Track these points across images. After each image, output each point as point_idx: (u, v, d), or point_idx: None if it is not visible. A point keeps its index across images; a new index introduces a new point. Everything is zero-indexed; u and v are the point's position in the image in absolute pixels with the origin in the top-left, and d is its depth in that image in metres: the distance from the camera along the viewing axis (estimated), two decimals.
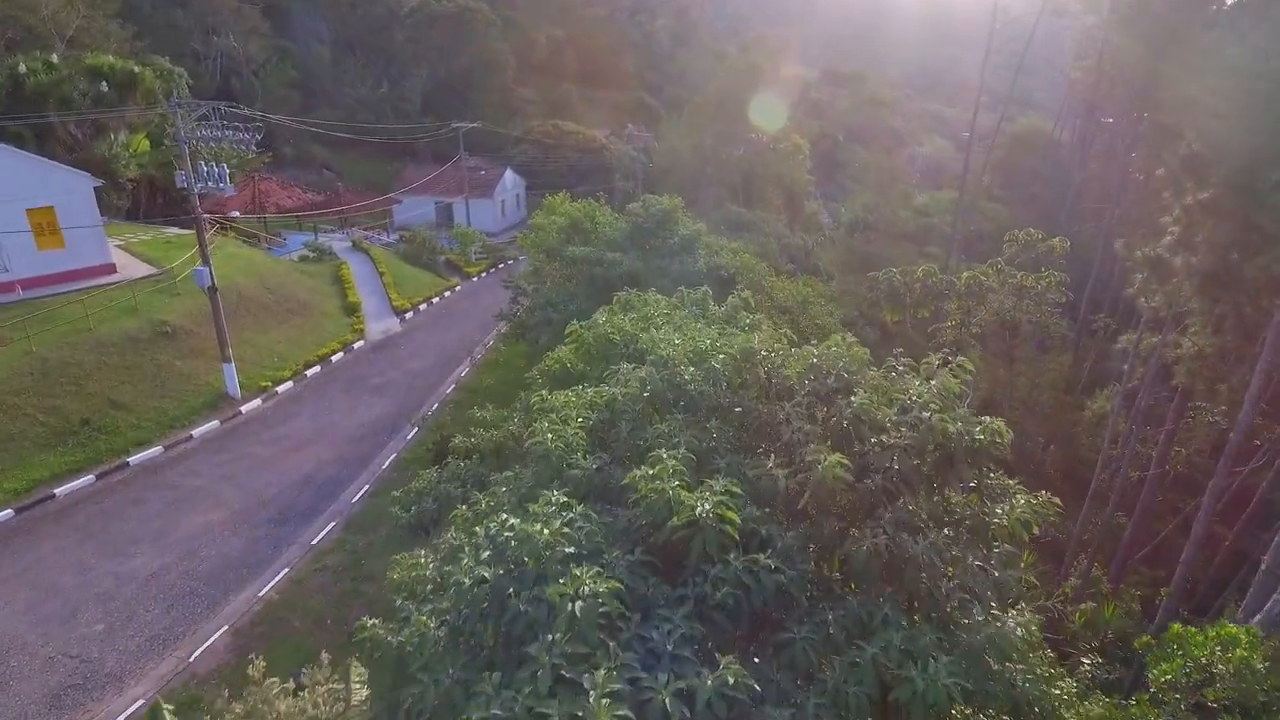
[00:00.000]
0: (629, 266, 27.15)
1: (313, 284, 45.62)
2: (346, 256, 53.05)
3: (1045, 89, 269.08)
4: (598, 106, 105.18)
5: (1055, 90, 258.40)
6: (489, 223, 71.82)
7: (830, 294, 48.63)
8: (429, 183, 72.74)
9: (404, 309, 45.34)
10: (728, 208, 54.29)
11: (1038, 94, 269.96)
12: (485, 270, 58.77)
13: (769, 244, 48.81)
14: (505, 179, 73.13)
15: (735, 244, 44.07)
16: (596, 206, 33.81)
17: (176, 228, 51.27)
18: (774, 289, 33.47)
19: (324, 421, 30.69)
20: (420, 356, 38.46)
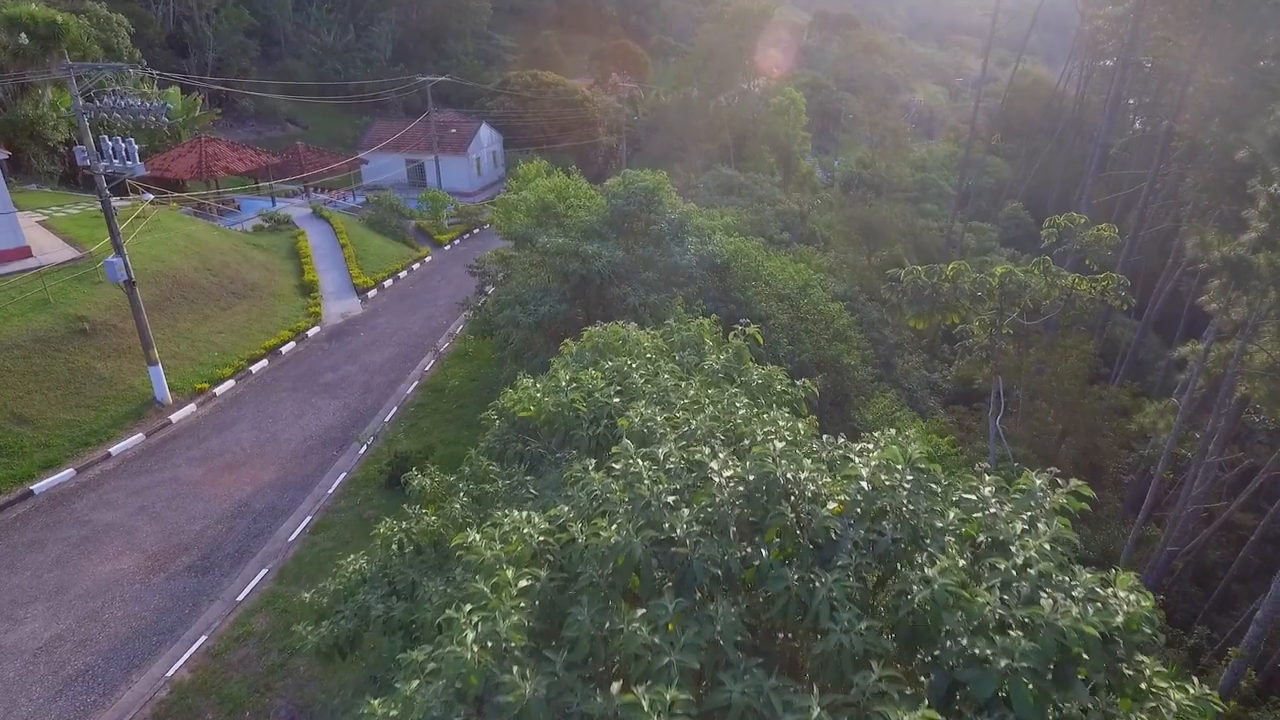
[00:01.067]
0: (609, 259, 23.26)
1: (265, 259, 41.35)
2: (306, 225, 48.60)
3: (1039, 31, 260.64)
4: (579, 54, 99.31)
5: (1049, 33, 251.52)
6: (463, 182, 67.13)
7: (829, 265, 44.86)
8: (399, 139, 67.71)
9: (366, 286, 41.23)
10: (718, 169, 50.08)
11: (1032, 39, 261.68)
12: (459, 236, 54.46)
13: (763, 211, 44.79)
14: (480, 135, 68.17)
15: (727, 217, 40.15)
16: (572, 181, 29.69)
17: (117, 196, 46.66)
18: (772, 275, 29.70)
19: (266, 431, 26.93)
20: (381, 346, 34.55)
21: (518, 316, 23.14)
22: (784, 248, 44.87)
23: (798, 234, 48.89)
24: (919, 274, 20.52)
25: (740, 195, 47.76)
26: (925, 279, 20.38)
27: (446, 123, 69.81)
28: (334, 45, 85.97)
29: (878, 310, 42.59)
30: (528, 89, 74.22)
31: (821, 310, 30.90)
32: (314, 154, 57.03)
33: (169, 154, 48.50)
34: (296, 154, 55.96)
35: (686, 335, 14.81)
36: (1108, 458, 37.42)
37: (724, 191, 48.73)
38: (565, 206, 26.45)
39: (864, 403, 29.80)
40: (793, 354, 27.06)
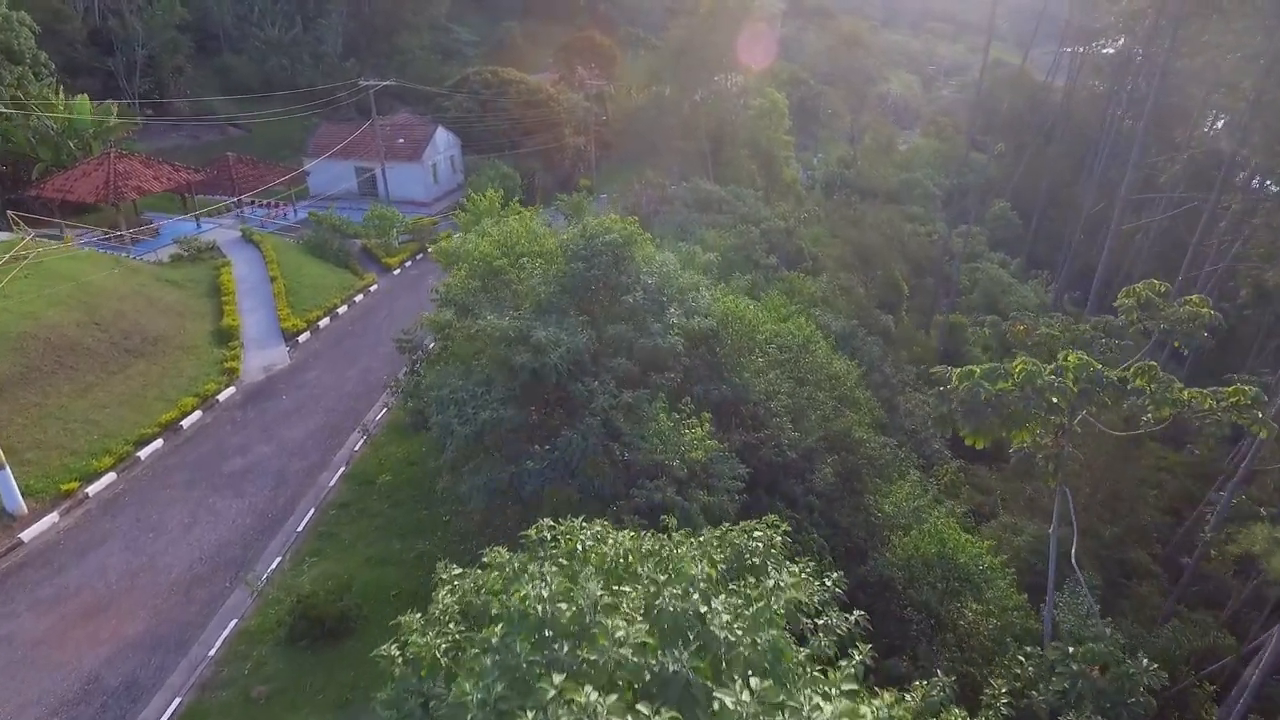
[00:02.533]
0: (569, 346, 17.67)
1: (178, 300, 35.18)
2: (233, 253, 42.29)
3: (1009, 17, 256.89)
4: (544, 46, 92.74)
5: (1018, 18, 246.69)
6: (418, 191, 60.85)
7: (821, 293, 39.56)
8: (348, 145, 61.19)
9: (296, 330, 35.19)
10: (696, 183, 44.40)
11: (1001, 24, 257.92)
12: (410, 258, 48.35)
13: (747, 233, 39.31)
14: (436, 139, 61.80)
15: (709, 244, 34.73)
16: (524, 223, 24.00)
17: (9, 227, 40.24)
18: (770, 334, 24.30)
19: (143, 553, 21.08)
20: (305, 413, 28.67)
21: (452, 424, 17.50)
22: (772, 274, 39.51)
23: (784, 253, 43.51)
24: (976, 378, 15.19)
25: (722, 212, 42.27)
26: (985, 385, 15.06)
27: (399, 126, 63.35)
28: (279, 40, 78.73)
29: (878, 345, 37.41)
30: (487, 88, 67.81)
31: (826, 371, 25.61)
32: (247, 166, 50.53)
33: (71, 173, 41.86)
34: (226, 167, 49.42)
35: (676, 559, 9.24)
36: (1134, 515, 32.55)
37: (703, 207, 43.19)
38: (515, 269, 20.76)
39: (880, 487, 24.60)
40: (798, 441, 21.77)
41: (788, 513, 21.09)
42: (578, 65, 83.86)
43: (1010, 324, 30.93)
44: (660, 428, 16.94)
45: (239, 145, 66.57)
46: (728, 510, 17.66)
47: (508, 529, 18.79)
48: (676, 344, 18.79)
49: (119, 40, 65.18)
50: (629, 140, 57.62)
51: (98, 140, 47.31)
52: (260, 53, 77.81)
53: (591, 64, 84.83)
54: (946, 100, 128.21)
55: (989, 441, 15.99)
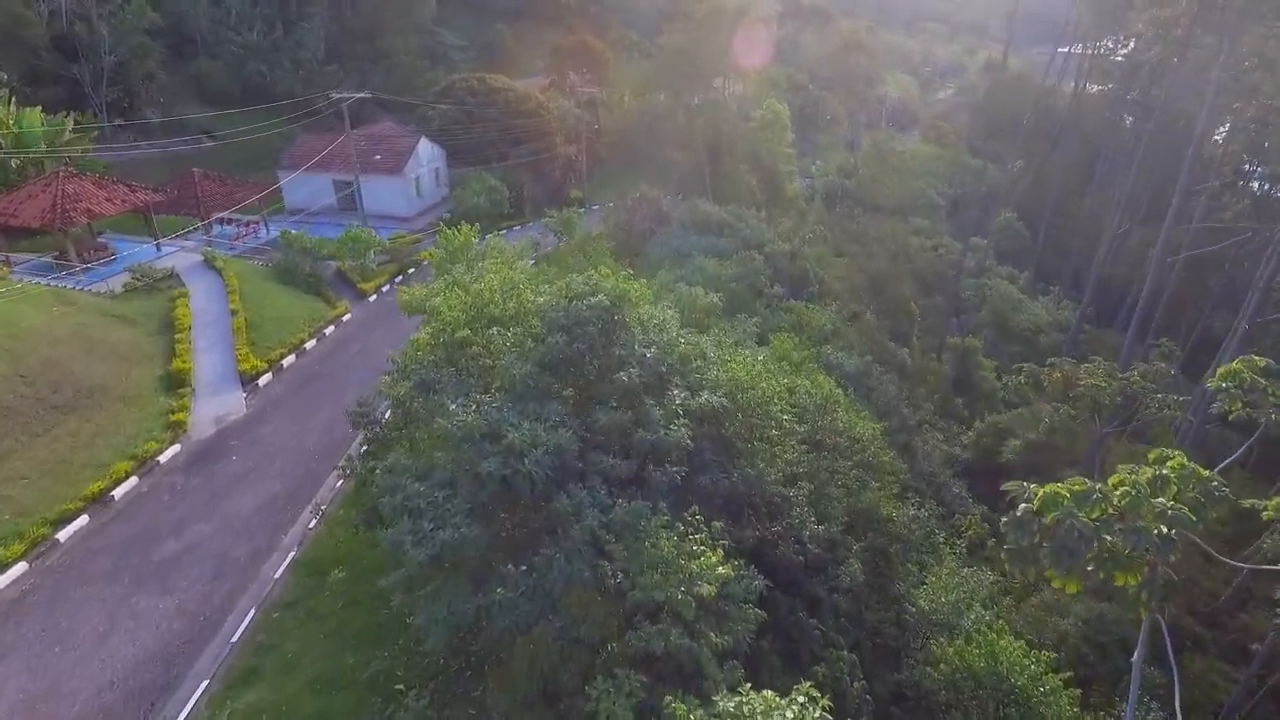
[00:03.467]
0: (549, 446, 14.14)
1: (125, 340, 31.50)
2: (192, 280, 38.58)
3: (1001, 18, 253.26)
4: (535, 49, 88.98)
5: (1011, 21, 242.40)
6: (400, 206, 57.14)
7: (832, 325, 36.07)
8: (327, 157, 57.43)
9: (256, 371, 31.53)
10: (695, 203, 40.80)
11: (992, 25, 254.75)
12: (389, 281, 44.72)
13: (750, 261, 35.83)
14: (419, 150, 58.06)
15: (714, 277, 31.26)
16: (503, 284, 20.38)
17: None
18: (784, 398, 20.78)
19: (43, 678, 17.45)
20: (256, 479, 25.05)
21: (404, 544, 13.93)
22: (778, 305, 36.01)
23: (789, 279, 40.02)
24: (1066, 505, 11.72)
25: (722, 235, 38.75)
26: (1078, 517, 11.60)
27: (380, 138, 59.63)
28: (257, 44, 74.73)
29: (893, 384, 33.97)
30: (473, 95, 64.05)
31: (849, 435, 22.14)
32: (214, 182, 46.73)
33: (15, 195, 38.04)
34: (190, 184, 45.59)
35: None
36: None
37: (702, 229, 39.66)
38: (484, 340, 17.17)
39: (912, 574, 21.15)
40: (820, 534, 18.34)
41: (811, 623, 17.66)
42: (569, 69, 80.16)
43: (1047, 370, 27.49)
44: (662, 554, 13.42)
45: (213, 156, 62.86)
46: (744, 639, 14.25)
47: (476, 662, 15.31)
48: (682, 437, 15.26)
49: (84, 46, 61.16)
50: (623, 149, 54.01)
51: (51, 157, 43.43)
52: (237, 58, 73.83)
53: (583, 68, 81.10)
54: (945, 103, 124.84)
55: (1081, 585, 12.56)
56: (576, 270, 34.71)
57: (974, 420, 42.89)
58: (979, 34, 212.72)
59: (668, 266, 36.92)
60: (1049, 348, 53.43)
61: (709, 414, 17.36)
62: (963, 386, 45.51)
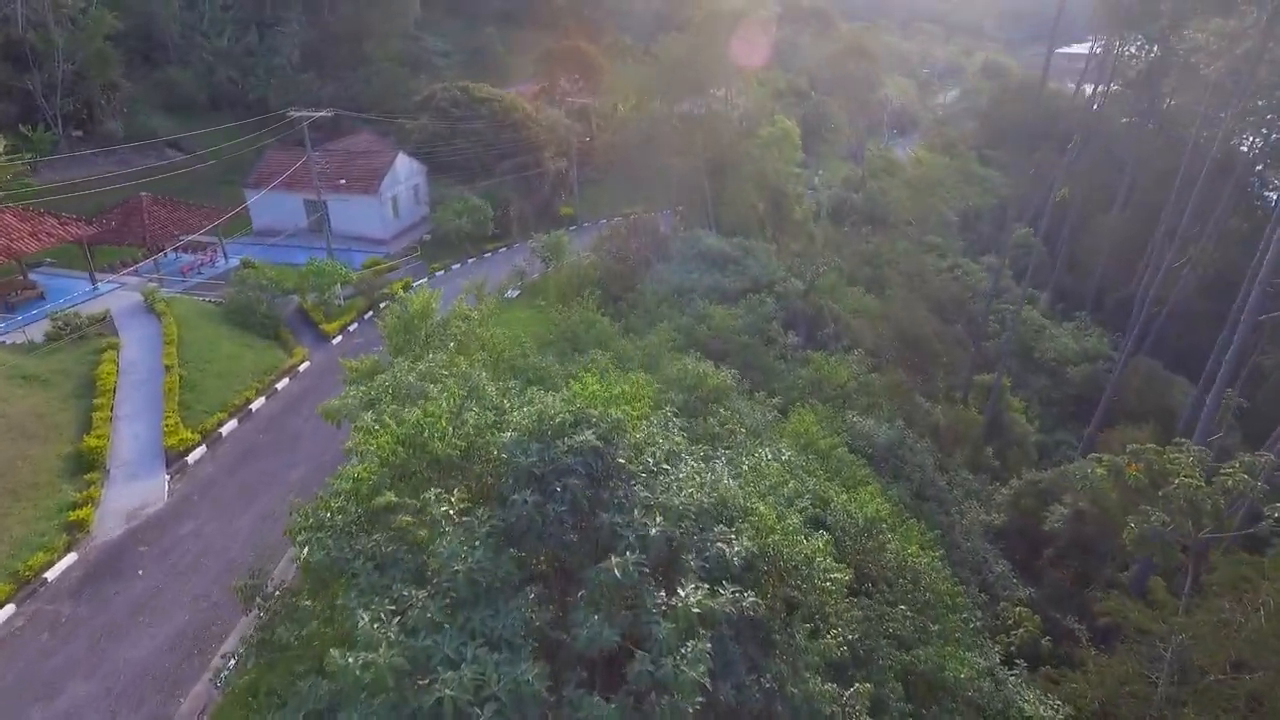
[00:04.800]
0: (506, 696, 9.06)
1: (31, 409, 26.24)
2: (128, 326, 33.30)
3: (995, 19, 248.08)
4: (525, 54, 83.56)
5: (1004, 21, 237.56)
6: (375, 228, 51.84)
7: (857, 380, 30.93)
8: (296, 176, 52.08)
9: (185, 446, 26.29)
10: (697, 235, 35.62)
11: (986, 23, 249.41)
12: (356, 319, 39.50)
13: (762, 306, 30.71)
14: (396, 167, 52.71)
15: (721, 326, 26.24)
16: (449, 399, 15.09)
17: None
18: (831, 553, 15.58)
19: None
20: (162, 609, 19.81)
21: None
22: (793, 356, 30.88)
23: (803, 320, 34.92)
24: None
25: (727, 270, 33.63)
26: None
27: (355, 153, 54.28)
28: (230, 49, 69.24)
29: (932, 451, 28.94)
30: (456, 106, 58.70)
31: (900, 566, 17.08)
32: (164, 208, 41.33)
33: None
34: (137, 210, 40.18)
35: None
36: None
37: (705, 263, 34.54)
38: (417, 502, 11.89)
39: None
40: None
41: None
42: (560, 76, 74.83)
43: (1126, 458, 22.46)
44: None
45: (181, 172, 57.21)
46: None
47: None
48: (703, 676, 10.13)
49: (37, 55, 55.57)
50: (617, 161, 48.79)
51: None
52: (207, 65, 68.34)
53: (575, 75, 75.82)
54: (948, 108, 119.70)
55: None
56: (562, 323, 29.49)
57: (1005, 471, 37.99)
58: (975, 34, 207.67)
59: (667, 309, 31.80)
60: (1079, 380, 48.53)
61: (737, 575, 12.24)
62: (992, 430, 40.53)
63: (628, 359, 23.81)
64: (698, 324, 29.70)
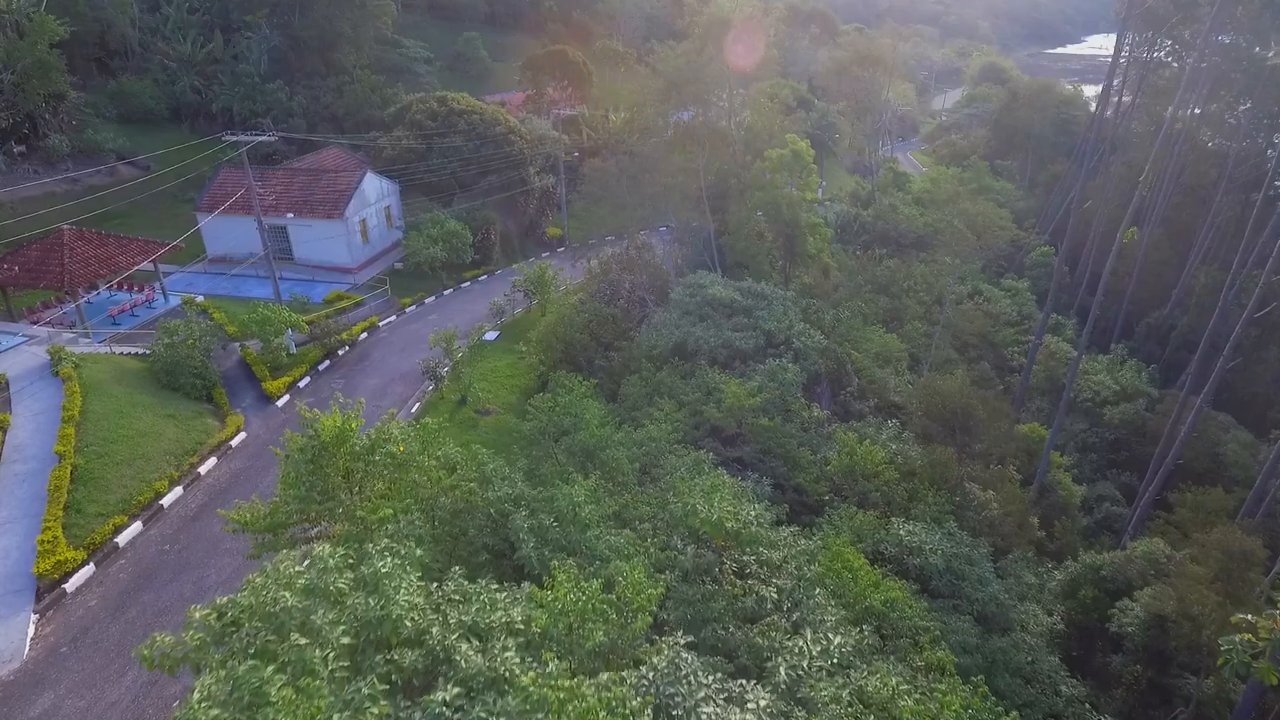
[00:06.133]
0: None
1: None
2: (25, 395, 27.42)
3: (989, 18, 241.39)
4: (511, 59, 77.68)
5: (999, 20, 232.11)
6: (341, 255, 45.93)
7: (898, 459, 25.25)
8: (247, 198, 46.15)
9: (65, 568, 20.48)
10: (698, 277, 29.82)
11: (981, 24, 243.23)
12: (307, 373, 33.61)
13: (784, 377, 25.03)
14: (365, 188, 46.76)
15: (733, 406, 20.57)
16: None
17: None
18: None
19: None
20: None
21: None
22: (819, 433, 25.21)
23: (824, 378, 29.28)
24: None
25: (738, 324, 27.96)
26: None
27: (320, 171, 48.33)
28: (192, 55, 63.05)
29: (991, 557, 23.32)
30: (433, 119, 52.75)
31: None
32: (90, 244, 35.31)
33: None
34: (57, 247, 34.17)
35: None
36: None
37: (710, 313, 28.83)
38: None
39: None
40: None
41: None
42: (547, 83, 68.90)
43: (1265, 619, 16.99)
44: None
45: (131, 191, 51.08)
46: None
47: None
48: None
49: None
50: (608, 176, 42.94)
51: None
52: (170, 73, 62.12)
53: (564, 81, 69.90)
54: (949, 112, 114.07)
55: None
56: (541, 413, 23.50)
57: (1051, 541, 32.51)
58: (969, 35, 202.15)
59: (668, 376, 26.06)
60: (1118, 423, 43.09)
61: None
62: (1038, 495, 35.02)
63: (617, 470, 18.14)
64: (705, 400, 24.05)
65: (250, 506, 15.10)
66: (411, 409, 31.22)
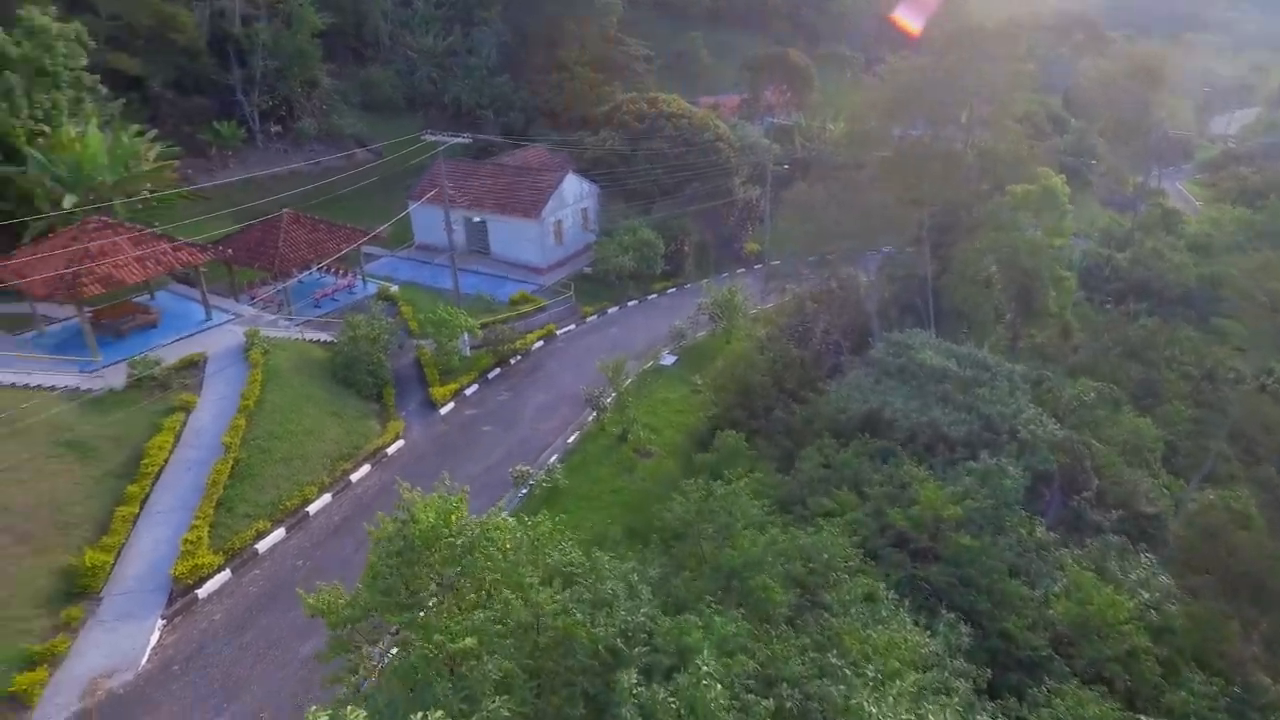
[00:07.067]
0: None
1: (56, 489, 21.04)
2: (216, 375, 28.06)
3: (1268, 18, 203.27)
4: (731, 59, 74.03)
5: None
6: (533, 254, 44.95)
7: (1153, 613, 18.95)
8: (461, 190, 46.42)
9: (200, 574, 19.95)
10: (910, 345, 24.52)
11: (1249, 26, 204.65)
12: (475, 380, 32.33)
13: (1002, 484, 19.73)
14: (564, 189, 45.44)
15: None
16: None
17: None
18: None
19: None
20: None
21: None
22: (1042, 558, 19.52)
23: (1055, 478, 23.21)
24: None
25: (951, 403, 22.67)
26: None
27: (524, 169, 47.71)
28: (433, 47, 65.49)
29: None
30: (641, 120, 50.51)
31: None
32: (304, 228, 36.42)
33: (39, 247, 29.20)
34: (274, 230, 35.46)
35: None
36: None
37: (923, 380, 23.73)
38: None
39: None
40: None
41: None
42: (765, 87, 64.74)
43: None
44: None
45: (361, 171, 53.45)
46: None
47: None
48: None
49: (241, 51, 53.85)
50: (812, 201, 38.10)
51: (118, 189, 34.77)
52: (410, 64, 64.94)
53: (783, 86, 65.38)
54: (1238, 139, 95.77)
55: None
56: (690, 501, 19.54)
57: None
58: (1274, 46, 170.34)
59: (853, 459, 21.50)
60: None
61: None
62: None
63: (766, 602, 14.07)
64: (896, 496, 19.33)
65: (330, 592, 12.90)
66: (569, 438, 28.88)
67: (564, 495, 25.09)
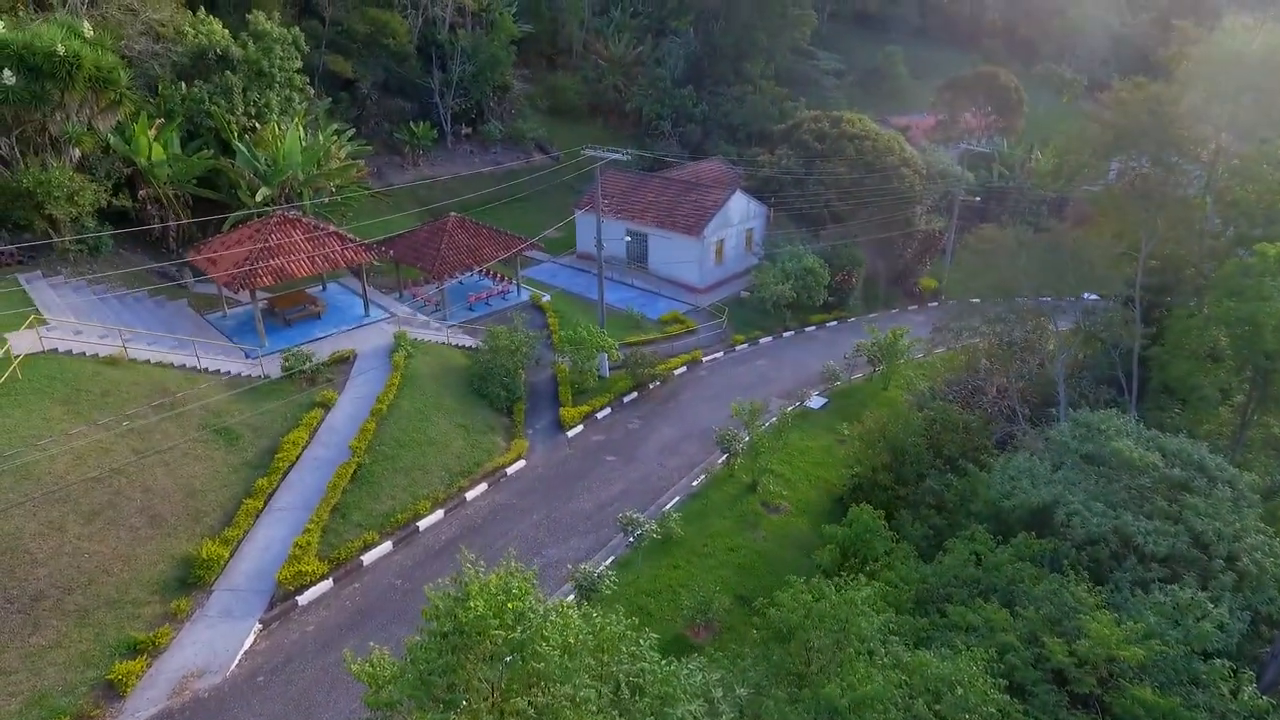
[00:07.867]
0: None
1: (194, 475, 21.85)
2: (361, 373, 28.48)
3: None
4: (928, 77, 68.15)
5: None
6: (690, 273, 43.04)
7: None
8: (624, 200, 45.52)
9: (307, 578, 19.82)
10: (1105, 431, 19.93)
11: None
12: (609, 404, 30.85)
13: (1197, 627, 15.18)
14: (730, 207, 43.14)
15: None
16: None
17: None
18: None
19: None
20: None
21: None
22: None
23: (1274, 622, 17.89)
24: None
25: (1149, 509, 18.09)
26: None
27: (693, 184, 45.85)
28: (623, 57, 65.37)
29: None
30: (821, 140, 47.06)
31: None
32: (467, 232, 36.70)
33: (227, 238, 31.11)
34: (440, 232, 36.01)
35: None
36: None
37: (1115, 473, 19.25)
38: None
39: None
40: None
41: None
42: (965, 108, 58.75)
43: None
44: None
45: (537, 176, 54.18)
46: None
47: None
48: None
49: (442, 56, 56.13)
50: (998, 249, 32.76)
51: (308, 185, 36.67)
52: (598, 71, 65.20)
53: (987, 108, 59.05)
54: None
55: None
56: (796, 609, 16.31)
57: None
58: None
59: (1008, 565, 17.67)
60: None
61: None
62: None
63: None
64: (1056, 621, 15.43)
65: (379, 658, 11.58)
66: (694, 480, 26.65)
67: (675, 548, 22.94)
